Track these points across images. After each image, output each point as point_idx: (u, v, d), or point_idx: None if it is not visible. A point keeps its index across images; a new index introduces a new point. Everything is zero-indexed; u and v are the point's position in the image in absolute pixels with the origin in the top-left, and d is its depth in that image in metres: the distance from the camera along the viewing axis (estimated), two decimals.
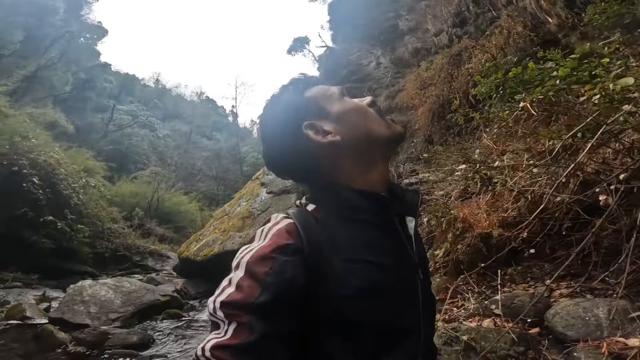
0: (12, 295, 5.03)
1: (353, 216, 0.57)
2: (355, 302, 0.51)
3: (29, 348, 3.37)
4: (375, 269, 0.54)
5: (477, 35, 6.55)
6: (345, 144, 0.60)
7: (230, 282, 0.50)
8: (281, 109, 0.64)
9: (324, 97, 0.64)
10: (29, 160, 8.07)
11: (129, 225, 12.60)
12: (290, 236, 0.53)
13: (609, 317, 1.63)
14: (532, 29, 4.96)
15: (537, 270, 2.28)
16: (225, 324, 0.47)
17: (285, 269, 0.49)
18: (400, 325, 0.56)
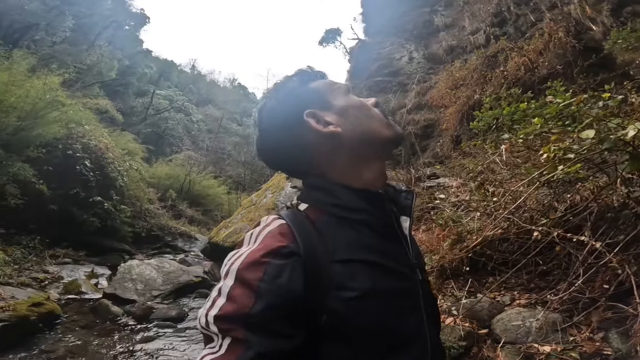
0: (65, 271, 5.71)
1: (349, 216, 0.56)
2: (358, 306, 0.49)
3: (88, 319, 3.96)
4: (375, 271, 0.53)
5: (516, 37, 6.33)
6: (346, 138, 0.59)
7: (220, 292, 0.48)
8: (284, 96, 0.63)
9: (329, 89, 0.64)
10: (82, 145, 8.81)
11: (163, 206, 13.42)
12: (284, 238, 0.50)
13: (539, 327, 1.91)
14: (574, 35, 4.77)
15: (513, 281, 2.54)
16: (219, 338, 0.45)
17: (280, 274, 0.47)
18: (404, 330, 0.54)
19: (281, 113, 0.61)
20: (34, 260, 5.70)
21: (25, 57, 8.53)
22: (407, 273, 0.58)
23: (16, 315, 3.17)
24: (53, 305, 3.84)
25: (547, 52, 5.38)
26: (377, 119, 0.63)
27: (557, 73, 4.94)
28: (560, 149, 1.89)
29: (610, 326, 1.82)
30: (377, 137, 0.61)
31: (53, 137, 7.59)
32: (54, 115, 7.80)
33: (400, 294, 0.55)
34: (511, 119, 3.27)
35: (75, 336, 3.47)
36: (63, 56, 15.91)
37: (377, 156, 0.63)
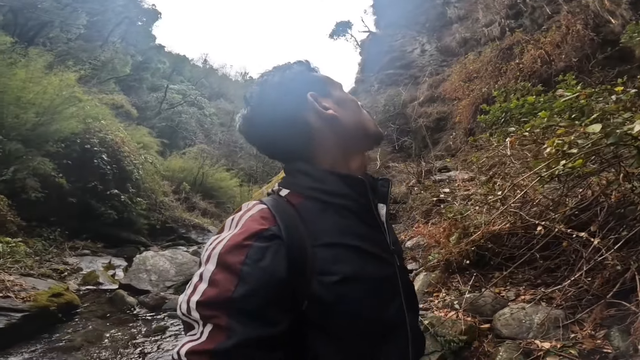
0: (84, 262, 5.92)
1: (334, 201, 0.56)
2: (341, 290, 0.49)
3: (105, 309, 4.13)
4: (358, 255, 0.53)
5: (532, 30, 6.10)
6: (341, 125, 0.61)
7: (201, 277, 0.46)
8: (291, 74, 0.64)
9: (328, 81, 0.67)
10: (99, 139, 9.02)
11: (177, 199, 13.67)
12: (266, 221, 0.50)
13: (541, 323, 1.90)
14: (593, 28, 4.57)
15: (520, 276, 2.51)
16: (200, 325, 0.44)
17: (262, 257, 0.46)
18: (387, 317, 0.54)
19: (287, 89, 0.61)
20: (54, 252, 5.94)
21: (41, 55, 8.74)
22: (387, 258, 0.58)
23: (37, 305, 3.31)
24: (72, 296, 4.00)
25: (564, 45, 5.19)
26: (366, 115, 0.67)
27: (574, 66, 4.77)
28: (564, 143, 1.83)
29: (612, 324, 1.82)
30: (365, 130, 0.65)
31: (71, 132, 7.80)
32: (71, 111, 8.01)
33: (382, 280, 0.55)
34: (520, 112, 3.20)
35: (92, 326, 3.62)
36: (78, 53, 16.22)
37: (362, 148, 0.67)
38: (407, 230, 4.70)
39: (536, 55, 5.85)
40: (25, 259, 4.43)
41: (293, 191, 0.57)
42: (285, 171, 0.63)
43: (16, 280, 3.57)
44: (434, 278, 2.95)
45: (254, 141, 0.65)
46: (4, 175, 6.08)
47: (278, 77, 0.63)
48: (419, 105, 9.62)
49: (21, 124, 6.85)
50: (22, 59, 8.06)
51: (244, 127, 0.64)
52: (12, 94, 6.85)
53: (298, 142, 0.61)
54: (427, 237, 3.67)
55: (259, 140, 0.64)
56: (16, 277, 3.71)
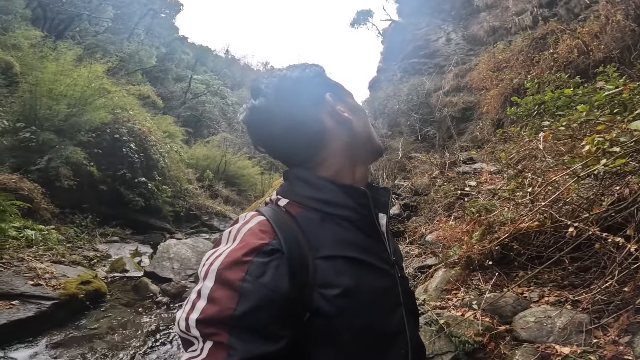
0: (112, 249, 6.10)
1: (334, 212, 0.54)
2: (342, 303, 0.47)
3: (130, 297, 4.25)
4: (359, 268, 0.51)
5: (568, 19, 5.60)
6: (354, 130, 0.60)
7: (199, 294, 0.45)
8: (309, 73, 0.61)
9: (343, 88, 0.66)
10: (127, 129, 9.26)
11: (200, 186, 13.96)
12: (265, 235, 0.48)
13: (563, 327, 1.79)
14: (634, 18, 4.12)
15: (545, 277, 2.35)
16: (199, 342, 0.42)
17: (263, 273, 0.44)
18: (389, 329, 0.53)
19: (305, 86, 0.59)
20: (85, 238, 6.19)
21: (70, 48, 8.98)
22: (388, 270, 0.57)
23: (66, 293, 3.40)
24: (100, 284, 4.12)
25: (603, 35, 4.74)
26: (372, 128, 0.66)
27: (613, 57, 4.35)
28: (605, 141, 1.63)
29: (637, 330, 1.68)
30: (372, 143, 0.64)
31: (101, 122, 8.04)
32: (100, 102, 8.24)
33: (383, 292, 0.54)
34: (555, 105, 2.92)
35: (117, 313, 3.73)
36: (106, 45, 16.63)
37: (367, 159, 0.65)
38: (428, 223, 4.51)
39: (572, 46, 5.39)
40: (57, 247, 4.62)
41: (292, 201, 0.55)
42: (285, 177, 0.60)
43: (47, 268, 3.71)
44: (453, 275, 2.81)
45: (261, 135, 0.60)
46: (38, 164, 6.35)
47: (297, 73, 0.60)
48: (443, 94, 9.20)
49: (54, 115, 7.10)
50: (52, 52, 8.31)
51: (252, 118, 0.59)
52: (44, 87, 7.10)
53: (308, 142, 0.58)
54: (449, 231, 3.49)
55: (267, 133, 0.59)
56: (47, 264, 3.85)
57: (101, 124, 8.14)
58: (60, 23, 15.31)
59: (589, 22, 5.08)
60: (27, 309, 3.01)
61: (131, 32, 19.19)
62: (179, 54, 25.48)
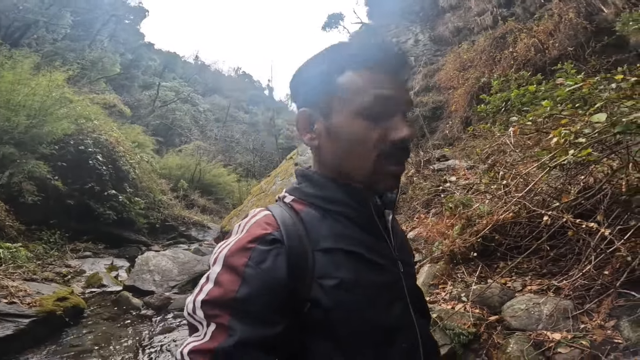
0: (86, 264, 5.83)
1: (330, 208, 0.56)
2: (339, 295, 0.49)
3: (111, 311, 4.08)
4: (356, 261, 0.53)
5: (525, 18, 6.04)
6: (322, 155, 0.59)
7: (208, 278, 0.49)
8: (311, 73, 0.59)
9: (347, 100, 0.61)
10: (93, 140, 8.85)
11: (175, 197, 13.56)
12: (269, 226, 0.52)
13: (550, 314, 1.87)
14: (585, 16, 4.52)
15: (525, 266, 2.48)
16: (204, 326, 0.45)
17: (264, 259, 0.48)
18: (389, 323, 0.54)
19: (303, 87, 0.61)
20: (55, 255, 5.84)
21: (27, 56, 8.48)
22: (388, 266, 0.58)
23: (43, 310, 3.26)
24: (77, 299, 3.93)
25: (557, 33, 5.14)
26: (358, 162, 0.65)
27: (568, 54, 4.73)
28: (570, 133, 1.80)
29: (621, 314, 1.79)
30: (348, 175, 0.62)
31: (64, 134, 7.63)
32: (62, 112, 7.82)
33: (381, 286, 0.55)
34: (520, 101, 3.16)
35: (100, 329, 3.58)
36: (65, 53, 15.84)
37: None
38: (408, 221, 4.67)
39: (530, 44, 5.79)
40: (27, 264, 4.35)
41: (297, 198, 0.59)
42: (295, 173, 0.64)
43: (20, 285, 3.52)
44: (438, 270, 2.92)
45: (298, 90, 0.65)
46: (0, 180, 5.93)
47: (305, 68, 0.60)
48: (414, 94, 9.55)
49: (13, 127, 6.66)
50: (8, 61, 7.81)
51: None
52: (1, 97, 6.65)
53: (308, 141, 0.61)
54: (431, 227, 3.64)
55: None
56: (19, 282, 3.65)
57: (64, 135, 7.72)
58: (16, 30, 14.37)
59: (543, 21, 5.49)
60: (5, 327, 2.90)
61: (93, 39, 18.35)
62: (145, 61, 24.68)
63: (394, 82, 0.56)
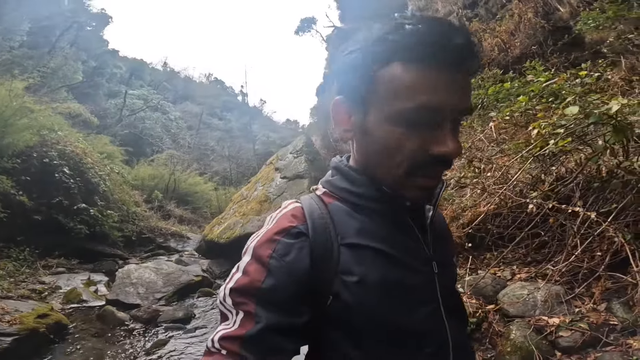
0: (61, 280, 5.53)
1: (360, 203, 0.55)
2: (360, 292, 0.49)
3: (97, 327, 3.90)
4: (382, 259, 0.51)
5: (488, 19, 6.46)
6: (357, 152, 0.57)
7: (238, 268, 0.51)
8: (348, 62, 0.52)
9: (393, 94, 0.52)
10: (58, 152, 8.38)
11: (150, 208, 13.08)
12: (295, 219, 0.52)
13: (544, 299, 1.98)
14: (543, 15, 4.93)
15: (510, 256, 2.59)
16: (233, 315, 0.47)
17: (288, 252, 0.49)
18: (413, 325, 0.52)
19: (341, 75, 0.54)
20: (27, 272, 5.47)
21: None
22: (418, 266, 0.55)
23: (25, 328, 3.11)
24: (59, 316, 3.75)
25: (518, 33, 5.53)
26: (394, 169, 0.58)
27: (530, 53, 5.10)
28: (549, 125, 1.98)
29: (611, 296, 1.87)
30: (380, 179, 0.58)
31: (26, 146, 7.22)
32: (23, 123, 7.39)
33: (408, 287, 0.52)
34: (496, 97, 3.40)
35: (88, 345, 3.44)
36: (23, 60, 14.96)
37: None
38: None
39: (493, 44, 6.17)
40: (1, 279, 4.04)
41: (328, 191, 0.58)
42: (330, 165, 0.61)
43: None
44: None
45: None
46: None
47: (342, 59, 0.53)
48: None
49: None
50: None
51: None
52: None
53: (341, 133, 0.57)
54: None
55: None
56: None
57: (26, 147, 7.28)
58: None
59: (505, 21, 5.90)
60: None
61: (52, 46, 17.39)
62: (110, 68, 23.70)
63: (451, 81, 0.45)
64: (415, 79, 0.45)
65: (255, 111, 35.09)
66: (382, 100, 0.48)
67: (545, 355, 1.74)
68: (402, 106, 0.46)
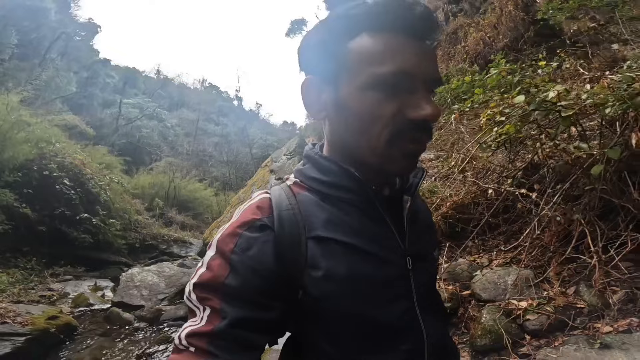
0: (69, 287, 5.84)
1: (330, 193, 0.53)
2: (327, 287, 0.48)
3: (104, 327, 4.21)
4: (351, 253, 0.50)
5: (472, 13, 6.67)
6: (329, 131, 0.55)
7: (202, 263, 0.49)
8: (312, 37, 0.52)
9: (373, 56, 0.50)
10: (57, 164, 8.61)
11: (151, 216, 13.33)
12: (260, 211, 0.50)
13: (514, 284, 2.05)
14: (522, 8, 5.13)
15: (490, 243, 2.71)
16: (200, 311, 0.46)
17: (250, 246, 0.47)
18: (386, 321, 0.51)
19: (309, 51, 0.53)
20: (35, 280, 5.78)
21: None
22: (392, 259, 0.53)
23: (36, 328, 3.38)
24: (68, 318, 4.04)
25: (500, 26, 5.72)
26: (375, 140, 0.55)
27: (512, 45, 5.30)
28: (494, 114, 2.17)
29: (579, 279, 1.92)
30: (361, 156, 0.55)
31: (25, 159, 7.46)
32: (21, 136, 7.64)
33: (378, 282, 0.51)
34: (460, 91, 3.63)
35: (96, 344, 3.72)
36: (15, 72, 15.29)
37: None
38: None
39: (478, 38, 6.35)
40: (10, 288, 4.35)
41: (299, 181, 0.57)
42: (303, 153, 0.60)
43: (9, 307, 3.60)
44: None
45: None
46: None
47: (306, 36, 0.54)
48: None
49: None
50: None
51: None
52: None
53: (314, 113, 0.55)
54: None
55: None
56: (7, 304, 3.72)
57: (26, 160, 7.53)
58: None
59: (488, 15, 6.11)
60: (3, 346, 3.02)
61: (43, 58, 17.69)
62: (102, 78, 24.05)
63: (418, 49, 0.47)
64: (384, 46, 0.46)
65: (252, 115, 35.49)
66: (353, 70, 0.48)
67: (515, 339, 1.79)
68: (374, 71, 0.46)
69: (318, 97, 0.53)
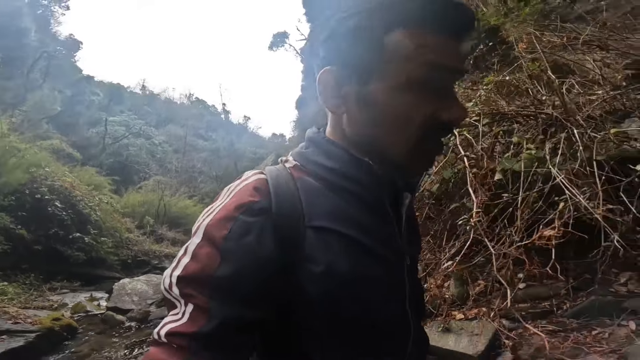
0: (67, 298, 6.76)
1: (338, 183, 0.51)
2: (325, 283, 0.45)
3: (100, 327, 5.26)
4: (353, 247, 0.48)
5: None
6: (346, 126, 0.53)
7: (186, 250, 0.45)
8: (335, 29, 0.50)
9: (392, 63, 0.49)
10: (47, 187, 9.36)
11: (142, 233, 14.02)
12: (257, 193, 0.47)
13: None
14: None
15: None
16: (181, 304, 0.42)
17: (247, 232, 0.44)
18: (382, 321, 0.50)
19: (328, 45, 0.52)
20: (35, 293, 6.64)
21: None
22: (392, 258, 0.53)
23: (44, 327, 4.30)
24: (69, 320, 5.01)
25: None
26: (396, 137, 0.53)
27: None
28: None
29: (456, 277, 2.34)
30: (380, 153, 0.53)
31: (18, 184, 8.20)
32: (13, 162, 8.39)
33: (379, 280, 0.50)
34: None
35: (95, 340, 4.71)
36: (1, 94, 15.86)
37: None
38: None
39: None
40: (17, 297, 5.30)
41: (299, 164, 0.54)
42: (306, 137, 0.58)
43: (19, 311, 4.58)
44: None
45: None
46: None
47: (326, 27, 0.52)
48: None
49: None
50: None
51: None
52: None
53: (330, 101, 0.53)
54: None
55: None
56: (18, 309, 4.70)
57: (19, 185, 8.28)
58: None
59: None
60: (16, 341, 3.87)
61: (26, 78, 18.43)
62: (87, 95, 24.76)
63: (457, 50, 0.48)
64: (426, 46, 0.46)
65: (240, 128, 36.33)
66: (388, 67, 0.47)
67: None
68: (411, 71, 0.46)
69: (338, 89, 0.51)
